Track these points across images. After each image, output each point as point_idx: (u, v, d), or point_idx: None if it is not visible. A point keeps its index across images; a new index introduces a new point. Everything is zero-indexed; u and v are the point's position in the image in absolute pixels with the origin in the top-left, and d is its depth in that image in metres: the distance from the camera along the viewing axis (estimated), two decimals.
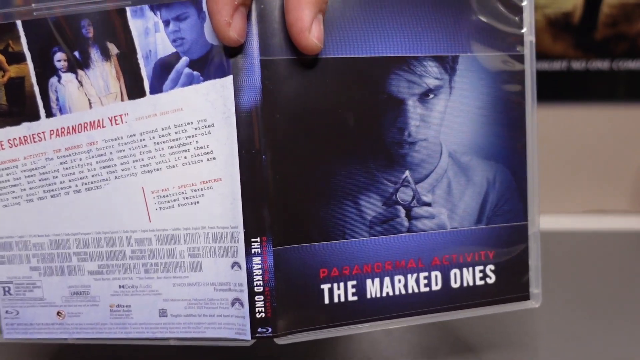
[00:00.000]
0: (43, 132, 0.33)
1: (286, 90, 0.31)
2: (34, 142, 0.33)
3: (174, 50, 0.32)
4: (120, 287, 0.33)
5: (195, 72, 0.32)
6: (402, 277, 0.32)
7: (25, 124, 0.33)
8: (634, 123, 0.68)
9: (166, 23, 0.32)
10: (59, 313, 0.34)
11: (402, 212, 0.32)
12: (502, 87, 0.32)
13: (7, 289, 0.35)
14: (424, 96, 0.31)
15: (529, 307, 0.34)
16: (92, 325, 0.34)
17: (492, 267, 0.33)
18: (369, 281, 0.32)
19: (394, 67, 0.31)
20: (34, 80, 0.33)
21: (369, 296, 0.32)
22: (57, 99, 0.33)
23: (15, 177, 0.34)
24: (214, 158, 0.32)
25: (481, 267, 0.33)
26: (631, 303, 0.47)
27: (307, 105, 0.31)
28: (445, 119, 0.32)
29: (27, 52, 0.33)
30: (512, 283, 0.34)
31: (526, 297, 0.34)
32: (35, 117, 0.33)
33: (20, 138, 0.34)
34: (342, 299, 0.32)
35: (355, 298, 0.32)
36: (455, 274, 0.33)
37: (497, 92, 0.32)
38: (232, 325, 0.32)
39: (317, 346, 0.39)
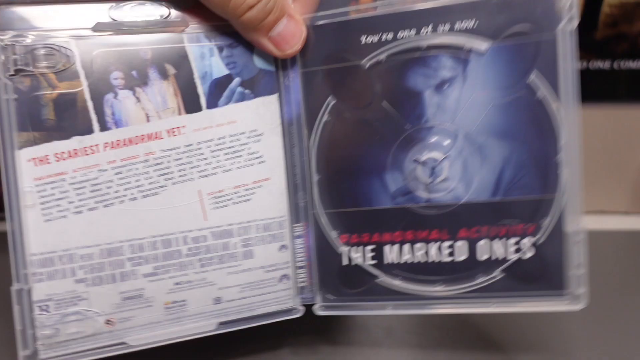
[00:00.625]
0: (96, 145, 0.36)
1: (322, 95, 0.40)
2: (86, 154, 0.36)
3: (228, 72, 0.39)
4: (176, 284, 0.39)
5: (246, 90, 0.39)
6: (423, 245, 0.38)
7: (76, 138, 0.36)
8: (634, 123, 0.68)
9: (220, 49, 0.39)
10: (108, 321, 0.38)
11: (421, 186, 0.37)
12: (518, 74, 0.35)
13: (44, 307, 0.36)
14: (440, 86, 0.36)
15: (567, 309, 0.35)
16: (145, 325, 0.39)
17: (528, 241, 0.36)
18: (387, 247, 0.39)
19: (411, 64, 0.37)
20: (87, 96, 0.36)
21: (386, 261, 0.39)
22: (113, 114, 0.36)
23: (62, 190, 0.36)
24: (264, 161, 0.40)
25: (515, 240, 0.36)
26: (631, 303, 0.47)
27: (339, 105, 0.40)
28: (460, 105, 0.36)
29: (81, 70, 0.35)
30: (551, 269, 0.35)
31: (563, 293, 0.35)
32: (88, 131, 0.36)
33: (69, 151, 0.36)
34: (360, 262, 0.40)
35: (374, 262, 0.39)
36: (482, 246, 0.37)
37: (512, 79, 0.35)
38: (280, 298, 0.42)
39: (317, 348, 0.43)
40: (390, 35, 0.37)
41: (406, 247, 0.38)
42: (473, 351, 0.41)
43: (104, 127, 0.36)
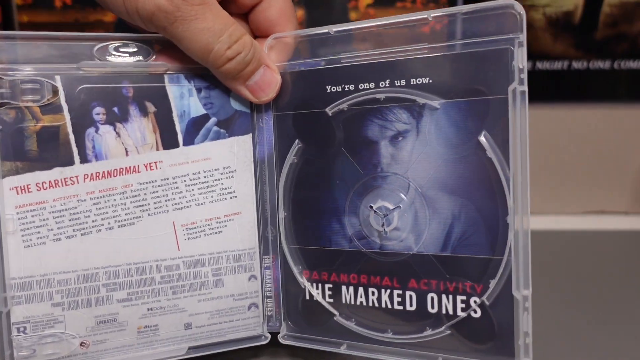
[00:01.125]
0: (77, 176, 0.35)
1: (291, 138, 0.40)
2: (66, 185, 0.35)
3: (205, 112, 0.38)
4: (148, 309, 0.38)
5: (222, 130, 0.39)
6: (375, 291, 0.37)
7: (57, 169, 0.35)
8: (634, 123, 0.65)
9: (199, 90, 0.38)
10: (82, 343, 0.37)
11: (375, 233, 0.37)
12: (469, 132, 0.33)
13: (22, 328, 0.35)
14: (394, 138, 0.35)
15: None
16: (118, 348, 0.38)
17: (476, 300, 0.34)
18: (344, 288, 0.38)
19: (369, 114, 0.36)
20: (70, 129, 0.35)
21: (343, 301, 0.38)
22: (94, 147, 0.36)
23: (42, 218, 0.35)
24: (236, 196, 0.39)
25: (463, 298, 0.34)
26: (631, 303, 0.45)
27: (305, 148, 0.40)
28: (413, 158, 0.35)
29: (65, 105, 0.35)
30: (499, 333, 0.33)
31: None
32: (69, 162, 0.35)
33: (50, 182, 0.35)
34: (319, 298, 0.39)
35: (331, 300, 0.39)
36: (430, 299, 0.35)
37: (463, 136, 0.34)
38: (249, 325, 0.41)
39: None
40: (352, 87, 0.37)
41: (361, 290, 0.38)
42: None
43: (84, 160, 0.36)
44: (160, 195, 0.37)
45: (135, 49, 0.36)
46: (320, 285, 0.40)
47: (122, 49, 0.36)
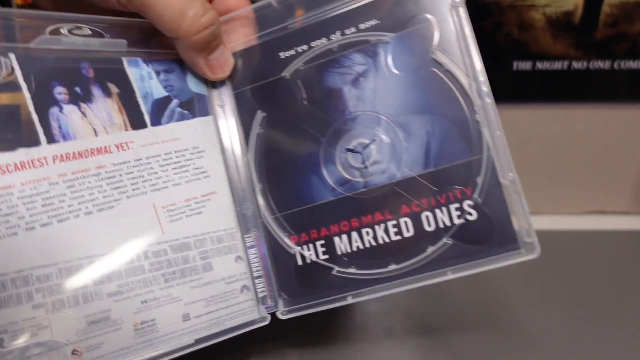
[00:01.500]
0: (45, 158, 0.31)
1: (253, 110, 0.38)
2: (34, 167, 0.30)
3: (166, 94, 0.36)
4: (142, 302, 0.32)
5: (185, 111, 0.36)
6: (370, 230, 0.35)
7: (22, 150, 0.30)
8: (634, 123, 0.62)
9: (157, 73, 0.36)
10: (74, 351, 0.30)
11: (357, 173, 0.35)
12: (423, 53, 0.34)
13: None
14: (356, 80, 0.35)
15: (523, 259, 0.31)
16: (115, 352, 0.31)
17: (469, 202, 0.33)
18: (336, 239, 0.35)
19: (327, 66, 0.36)
20: (31, 108, 0.31)
21: (339, 252, 0.35)
22: (60, 127, 0.32)
23: (10, 204, 0.29)
24: (209, 176, 0.36)
25: (457, 205, 0.33)
26: (631, 303, 0.43)
27: (268, 116, 0.38)
28: (377, 92, 0.35)
29: (23, 83, 0.31)
30: (497, 225, 0.32)
31: (515, 246, 0.32)
32: (35, 143, 0.31)
33: (15, 164, 0.30)
34: (313, 258, 0.36)
35: (326, 256, 0.36)
36: (425, 218, 0.34)
37: (419, 59, 0.34)
38: (244, 309, 0.36)
39: (318, 347, 0.39)
40: (305, 47, 0.37)
41: (354, 234, 0.35)
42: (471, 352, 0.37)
43: (51, 140, 0.31)
44: (136, 176, 0.33)
45: (90, 33, 0.34)
46: (311, 245, 0.36)
47: (75, 32, 0.33)
